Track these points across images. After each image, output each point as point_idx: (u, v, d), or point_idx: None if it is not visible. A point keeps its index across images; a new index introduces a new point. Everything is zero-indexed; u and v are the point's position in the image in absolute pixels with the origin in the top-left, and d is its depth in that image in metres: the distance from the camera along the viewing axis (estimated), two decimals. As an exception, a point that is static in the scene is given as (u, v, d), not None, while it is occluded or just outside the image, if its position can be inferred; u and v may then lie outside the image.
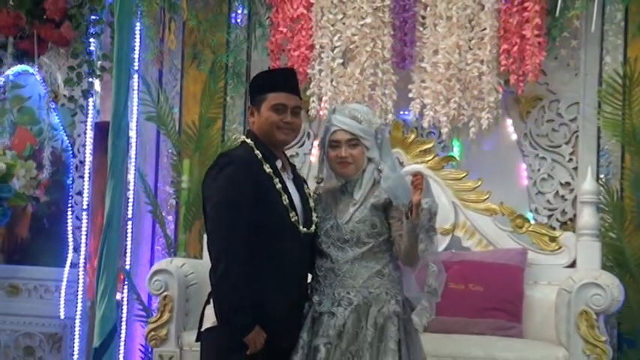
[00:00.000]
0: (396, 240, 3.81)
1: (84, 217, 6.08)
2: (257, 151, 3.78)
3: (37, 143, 6.33)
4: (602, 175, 5.44)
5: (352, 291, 3.80)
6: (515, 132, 5.68)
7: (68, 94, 6.00)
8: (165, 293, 4.94)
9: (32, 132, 6.36)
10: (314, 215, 3.88)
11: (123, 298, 5.80)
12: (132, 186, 5.92)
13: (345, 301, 3.79)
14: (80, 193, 6.18)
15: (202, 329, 3.84)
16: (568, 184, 5.63)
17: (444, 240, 5.32)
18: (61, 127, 6.28)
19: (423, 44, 5.39)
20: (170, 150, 5.96)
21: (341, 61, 5.42)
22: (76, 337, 6.00)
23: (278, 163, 3.83)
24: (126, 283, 5.82)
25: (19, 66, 6.16)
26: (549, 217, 5.62)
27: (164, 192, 5.99)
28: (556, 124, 5.66)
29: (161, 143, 6.05)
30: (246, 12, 5.88)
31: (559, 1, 5.26)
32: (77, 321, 6.00)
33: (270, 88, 3.81)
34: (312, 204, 3.92)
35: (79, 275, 6.02)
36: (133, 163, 5.90)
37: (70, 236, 6.20)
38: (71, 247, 6.18)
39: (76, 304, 6.02)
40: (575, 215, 5.52)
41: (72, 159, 6.29)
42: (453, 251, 5.30)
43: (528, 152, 5.68)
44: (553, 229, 5.45)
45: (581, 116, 5.56)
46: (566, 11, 5.29)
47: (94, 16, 5.76)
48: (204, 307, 3.85)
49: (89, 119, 6.07)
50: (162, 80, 6.04)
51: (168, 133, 5.90)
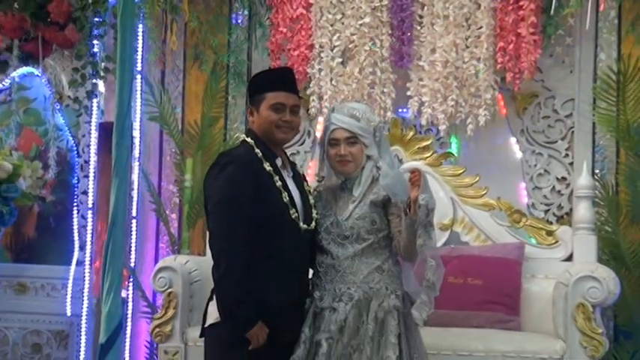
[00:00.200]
0: (395, 236, 3.82)
1: (89, 215, 6.08)
2: (257, 150, 3.79)
3: (42, 144, 6.33)
4: (597, 170, 5.44)
5: (353, 286, 3.81)
6: (512, 128, 5.67)
7: (73, 95, 6.00)
8: (169, 290, 4.93)
9: (38, 133, 6.35)
10: (314, 212, 3.89)
11: (128, 295, 5.79)
12: (136, 185, 5.91)
13: (345, 297, 3.80)
14: (85, 193, 6.17)
15: (206, 325, 3.85)
16: (564, 179, 5.62)
17: (443, 235, 5.32)
18: (66, 128, 6.27)
19: (421, 43, 5.39)
20: (173, 149, 5.95)
21: (340, 60, 5.41)
22: (83, 333, 5.99)
23: (278, 161, 3.84)
24: (131, 280, 5.81)
25: (24, 68, 6.16)
26: (546, 211, 5.62)
27: (168, 190, 5.99)
28: (552, 120, 5.65)
29: (164, 143, 6.04)
30: (246, 13, 5.88)
31: (554, 0, 5.27)
32: (83, 318, 5.99)
33: (269, 87, 3.82)
34: (312, 201, 3.93)
35: (85, 273, 6.01)
36: (137, 163, 5.90)
37: (75, 235, 6.19)
38: (77, 246, 6.17)
39: (83, 301, 6.01)
40: (571, 210, 5.51)
41: (77, 159, 6.28)
42: (452, 246, 5.30)
43: (525, 148, 5.68)
44: (550, 223, 5.45)
45: (577, 112, 5.56)
46: (561, 9, 5.29)
47: (97, 19, 5.76)
48: (207, 304, 3.86)
49: (93, 120, 6.06)
50: (164, 81, 6.04)
51: (171, 133, 5.90)
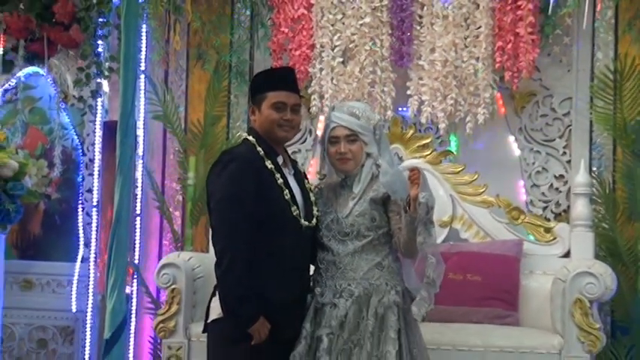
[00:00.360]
0: (395, 233, 3.82)
1: (94, 213, 6.08)
2: (259, 148, 3.79)
3: (48, 142, 6.33)
4: (594, 167, 5.44)
5: (353, 282, 3.81)
6: (510, 127, 5.68)
7: (77, 94, 6.00)
8: (173, 286, 4.93)
9: (43, 131, 6.36)
10: (315, 209, 3.90)
11: (132, 291, 5.80)
12: (140, 183, 5.91)
13: (346, 293, 3.80)
14: (90, 190, 6.18)
15: (209, 321, 3.86)
16: (562, 176, 5.63)
17: (442, 232, 5.33)
18: (71, 127, 6.28)
19: (420, 43, 5.40)
20: (176, 147, 5.95)
21: (341, 59, 5.43)
22: (88, 329, 6.00)
23: (279, 159, 3.84)
24: (135, 276, 5.82)
25: (29, 68, 6.17)
26: (544, 208, 5.63)
27: (171, 188, 5.99)
28: (550, 118, 5.66)
29: (167, 141, 6.04)
30: (248, 13, 5.89)
31: (551, 0, 5.27)
32: (88, 314, 6.00)
33: (270, 87, 3.82)
34: (312, 198, 3.93)
35: (89, 270, 6.02)
36: (141, 161, 5.89)
37: (80, 232, 6.20)
38: (82, 243, 6.18)
39: (88, 297, 6.01)
40: (569, 207, 5.51)
41: (82, 157, 6.29)
42: (451, 243, 5.29)
43: (523, 146, 5.68)
44: (548, 220, 5.45)
45: (574, 111, 5.56)
46: (559, 9, 5.30)
47: (101, 19, 5.75)
48: (210, 300, 3.86)
49: (98, 118, 6.06)
50: (168, 80, 6.04)
51: (175, 131, 5.90)
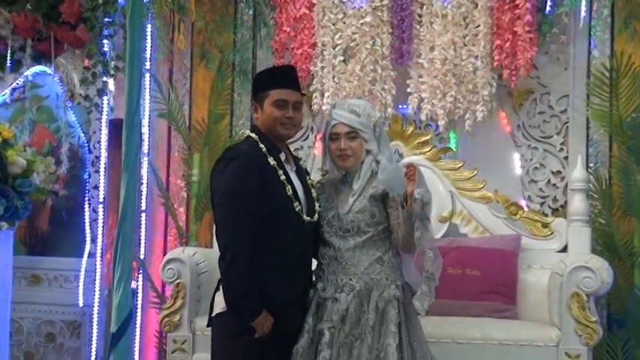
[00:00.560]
0: (394, 228, 3.83)
1: (100, 209, 6.07)
2: (261, 145, 3.79)
3: (55, 140, 6.32)
4: (591, 163, 5.44)
5: (354, 277, 3.82)
6: (509, 124, 5.68)
7: (84, 93, 5.98)
8: (178, 281, 4.94)
9: (50, 129, 6.35)
10: (317, 205, 3.90)
11: (138, 286, 5.80)
12: (145, 179, 5.91)
13: (347, 287, 3.81)
14: (96, 187, 6.17)
15: (213, 315, 3.86)
16: (559, 172, 5.63)
17: (442, 227, 5.33)
18: (78, 125, 6.27)
19: (420, 41, 5.41)
20: (181, 145, 5.96)
21: (342, 58, 5.43)
22: (95, 323, 5.99)
23: (282, 156, 3.84)
24: (140, 271, 5.82)
25: (37, 67, 6.16)
26: (542, 204, 5.63)
27: (175, 185, 6.00)
28: (547, 115, 5.66)
29: (172, 138, 6.05)
30: (251, 13, 5.89)
31: (548, -1, 5.29)
32: (95, 308, 5.99)
33: (272, 85, 3.83)
34: (314, 194, 3.93)
35: (96, 265, 6.01)
36: (146, 158, 5.90)
37: (87, 228, 6.19)
38: (88, 239, 6.18)
39: (94, 292, 6.01)
40: (566, 202, 5.52)
41: (88, 154, 6.29)
42: (450, 238, 5.30)
43: (521, 143, 5.68)
44: (545, 215, 5.46)
45: (571, 108, 5.56)
46: (556, 8, 5.30)
47: (107, 19, 5.74)
48: (214, 294, 3.87)
49: (104, 117, 6.06)
50: (172, 79, 6.04)
51: (179, 129, 5.90)
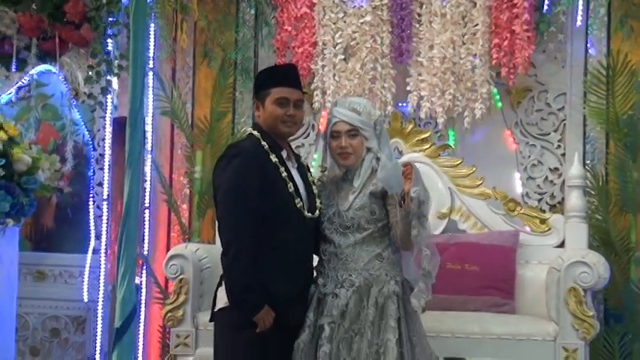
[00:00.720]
0: (393, 226, 3.82)
1: (104, 206, 6.08)
2: (263, 143, 3.79)
3: (60, 138, 6.33)
4: (588, 160, 5.45)
5: (354, 273, 3.82)
6: (507, 121, 5.67)
7: (88, 91, 5.99)
8: (181, 276, 4.94)
9: (55, 127, 6.36)
10: (318, 201, 3.90)
11: (142, 281, 5.79)
12: (148, 177, 5.91)
13: (347, 283, 3.81)
14: (100, 184, 6.18)
15: (215, 309, 3.86)
16: (556, 169, 5.63)
17: (441, 223, 5.33)
18: (82, 123, 6.28)
19: (420, 40, 5.41)
20: (183, 142, 5.96)
21: (342, 56, 5.44)
22: (99, 318, 5.99)
23: (283, 153, 3.84)
24: (144, 267, 5.82)
25: (42, 66, 6.17)
26: (539, 200, 5.63)
27: (178, 182, 5.99)
28: (545, 113, 5.66)
29: (175, 136, 6.04)
30: (253, 12, 5.89)
31: (546, -2, 5.30)
32: (99, 304, 5.99)
33: (274, 83, 3.82)
34: (315, 191, 3.93)
35: (100, 261, 6.01)
36: (149, 155, 5.90)
37: (91, 224, 6.19)
38: (93, 235, 6.18)
39: (99, 288, 6.01)
40: (563, 198, 5.52)
41: (92, 152, 6.29)
42: (449, 234, 5.28)
43: (519, 140, 5.68)
44: (543, 211, 5.45)
45: (568, 105, 5.56)
46: (553, 7, 5.31)
47: (111, 18, 5.74)
48: (216, 289, 3.87)
49: (108, 115, 6.06)
50: (175, 77, 6.04)
51: (182, 127, 5.90)
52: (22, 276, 6.07)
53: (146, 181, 5.87)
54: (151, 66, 5.87)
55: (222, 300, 3.77)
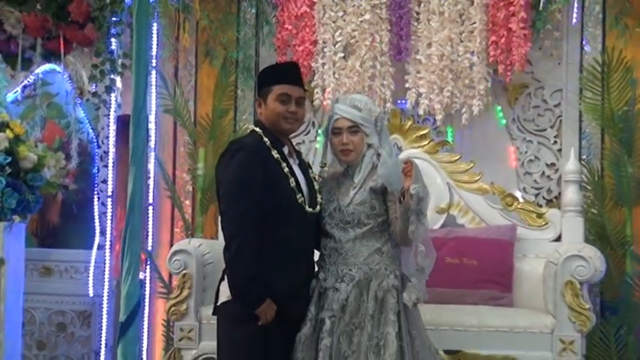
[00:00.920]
0: (392, 221, 3.82)
1: (109, 203, 6.07)
2: (265, 139, 3.79)
3: (65, 136, 6.32)
4: (584, 155, 5.44)
5: (354, 268, 3.81)
6: (504, 117, 5.67)
7: (92, 90, 5.98)
8: (184, 271, 4.93)
9: (60, 125, 6.35)
10: (319, 196, 3.90)
11: (146, 276, 5.79)
12: (152, 173, 5.90)
13: (347, 277, 3.80)
14: (105, 181, 6.17)
15: (218, 303, 3.86)
16: (553, 164, 5.62)
17: (440, 218, 5.34)
18: (87, 121, 6.27)
19: (418, 38, 5.40)
20: (186, 139, 5.95)
21: (342, 54, 5.43)
22: (104, 313, 5.99)
23: (285, 150, 3.84)
24: (148, 263, 5.82)
25: (47, 65, 6.15)
26: (536, 195, 5.63)
27: (181, 178, 5.99)
28: (541, 109, 5.65)
29: (178, 134, 6.04)
30: (254, 11, 5.88)
31: (542, -4, 5.29)
32: (105, 298, 5.99)
33: (276, 80, 3.82)
34: (316, 186, 3.93)
35: (105, 256, 6.01)
36: (153, 153, 5.89)
37: (96, 221, 6.18)
38: (98, 231, 6.17)
39: (103, 283, 6.01)
40: (559, 193, 5.52)
41: (97, 150, 6.28)
42: (448, 228, 5.29)
43: (516, 136, 5.68)
44: (540, 206, 5.44)
45: (564, 102, 5.56)
46: (549, 5, 5.30)
47: (114, 18, 5.73)
48: (219, 284, 3.87)
49: (112, 113, 6.05)
50: (177, 75, 6.03)
51: (185, 124, 5.90)
52: (29, 272, 6.06)
53: (150, 177, 5.87)
54: (153, 65, 5.86)
55: (225, 294, 3.77)
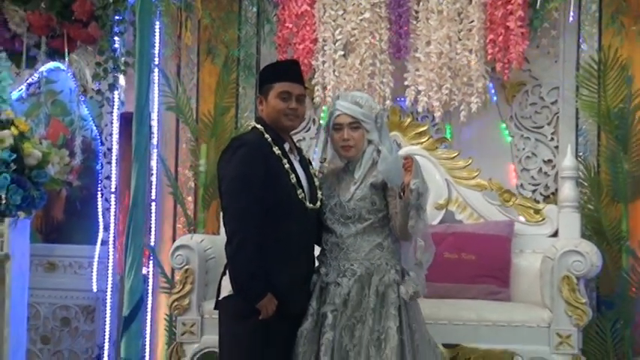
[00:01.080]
0: (392, 217, 3.82)
1: (112, 199, 6.07)
2: (266, 135, 3.79)
3: (69, 133, 6.32)
4: (580, 152, 5.43)
5: (355, 263, 3.81)
6: (502, 115, 5.66)
7: (96, 87, 5.98)
8: (186, 267, 4.93)
9: (64, 123, 6.35)
10: (319, 192, 3.89)
11: (148, 272, 5.80)
12: (154, 170, 5.90)
13: (349, 272, 3.80)
14: (108, 178, 6.17)
15: (220, 298, 3.86)
16: (550, 161, 5.61)
17: (438, 214, 5.33)
18: (90, 118, 6.27)
19: (417, 36, 5.39)
20: (188, 137, 5.95)
21: (342, 52, 5.42)
22: (108, 307, 5.99)
23: (286, 146, 3.84)
24: (151, 258, 5.82)
25: (51, 63, 6.15)
26: (533, 191, 5.62)
27: (184, 175, 5.98)
28: (538, 106, 5.64)
29: (180, 131, 6.03)
30: (255, 10, 5.88)
31: (539, -5, 5.28)
32: (108, 293, 5.99)
33: (277, 78, 3.82)
34: (317, 183, 3.93)
35: (109, 252, 6.01)
36: (155, 150, 5.88)
37: (100, 217, 6.19)
38: (101, 227, 6.17)
39: (107, 278, 6.01)
40: (556, 189, 5.51)
41: (100, 147, 6.28)
42: (447, 224, 5.28)
43: (514, 133, 5.67)
44: (537, 202, 5.44)
45: (561, 99, 5.55)
46: (546, 3, 5.29)
47: (117, 17, 5.73)
48: (220, 279, 3.87)
49: (115, 110, 6.05)
50: (180, 73, 6.02)
51: (187, 122, 5.89)
52: (33, 267, 6.06)
53: (152, 174, 5.86)
54: (156, 63, 5.85)
55: (227, 288, 3.77)
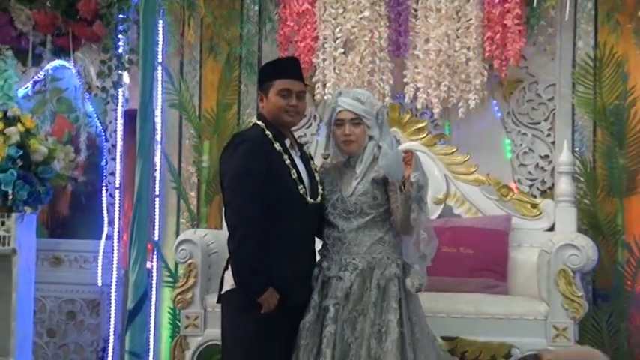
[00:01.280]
0: (393, 211, 3.82)
1: (117, 194, 6.06)
2: (267, 132, 3.78)
3: (74, 130, 6.31)
4: (576, 148, 5.42)
5: (357, 257, 3.81)
6: (499, 111, 5.66)
7: (100, 85, 5.95)
8: (189, 261, 4.92)
9: (70, 120, 6.34)
10: (320, 188, 3.89)
11: (152, 266, 5.78)
12: (158, 166, 5.88)
13: (351, 266, 3.80)
14: (113, 174, 6.15)
15: (222, 292, 3.86)
16: (547, 156, 5.60)
17: (437, 208, 5.31)
18: (95, 115, 6.25)
19: (416, 34, 5.38)
20: (191, 133, 5.94)
21: (342, 50, 5.40)
22: (112, 301, 5.98)
23: (286, 142, 3.83)
24: (155, 252, 5.81)
25: (56, 61, 6.13)
26: (530, 186, 5.61)
27: (187, 171, 5.97)
28: (535, 103, 5.63)
29: (183, 127, 6.01)
30: (256, 8, 5.87)
31: (536, -7, 5.26)
32: (113, 287, 5.98)
33: (277, 75, 3.82)
34: (317, 178, 3.92)
35: (113, 246, 6.00)
36: (159, 146, 5.88)
37: (105, 212, 6.17)
38: (106, 222, 6.16)
39: (112, 272, 6.00)
40: (553, 184, 5.49)
41: (105, 143, 6.27)
42: (445, 218, 5.27)
43: (511, 129, 5.66)
44: (534, 197, 5.43)
45: (558, 96, 5.54)
46: (543, 2, 5.28)
47: (121, 15, 5.72)
48: (223, 272, 3.86)
49: (119, 107, 6.04)
50: (183, 71, 6.01)
51: (190, 118, 5.88)
52: (40, 261, 6.05)
53: (156, 170, 5.85)
54: (159, 60, 5.84)
55: (229, 282, 3.77)
